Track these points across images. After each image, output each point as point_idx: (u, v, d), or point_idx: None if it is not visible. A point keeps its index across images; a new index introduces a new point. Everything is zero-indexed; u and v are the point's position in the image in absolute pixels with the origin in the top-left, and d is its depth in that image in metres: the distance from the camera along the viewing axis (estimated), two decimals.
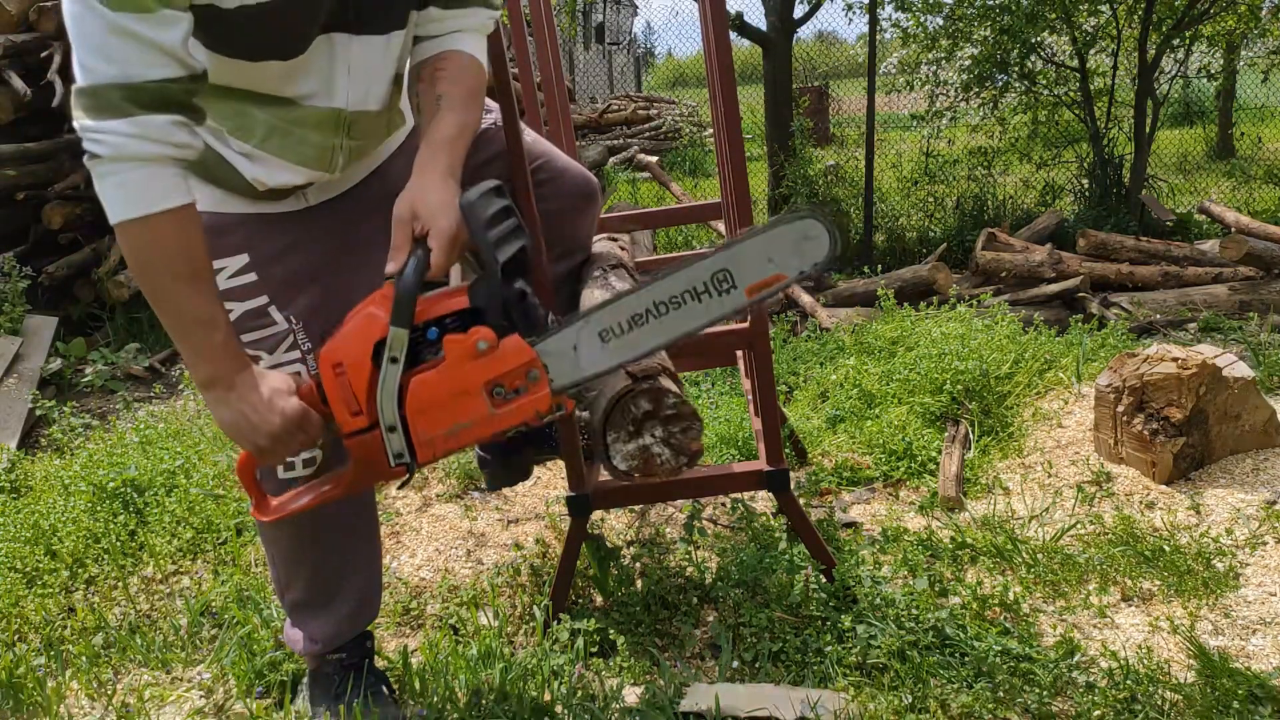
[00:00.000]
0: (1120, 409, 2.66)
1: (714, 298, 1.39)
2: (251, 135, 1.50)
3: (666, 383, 1.35)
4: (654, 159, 9.95)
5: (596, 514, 2.59)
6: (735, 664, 1.96)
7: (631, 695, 1.84)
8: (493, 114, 1.88)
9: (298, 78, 1.47)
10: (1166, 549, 2.23)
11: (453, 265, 1.41)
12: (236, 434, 1.40)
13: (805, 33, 12.70)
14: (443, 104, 1.51)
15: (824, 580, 2.11)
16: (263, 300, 1.62)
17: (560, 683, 1.84)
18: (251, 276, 1.61)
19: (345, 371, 1.37)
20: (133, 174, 1.27)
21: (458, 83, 1.54)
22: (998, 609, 2.06)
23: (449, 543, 2.65)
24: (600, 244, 2.33)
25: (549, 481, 3.01)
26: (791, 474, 2.48)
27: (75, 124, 1.27)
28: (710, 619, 2.14)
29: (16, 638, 2.28)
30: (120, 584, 2.48)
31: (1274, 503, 2.43)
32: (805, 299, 5.26)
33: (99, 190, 1.28)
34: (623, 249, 2.38)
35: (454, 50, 1.57)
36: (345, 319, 1.41)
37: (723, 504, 2.75)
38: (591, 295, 1.85)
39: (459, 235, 1.39)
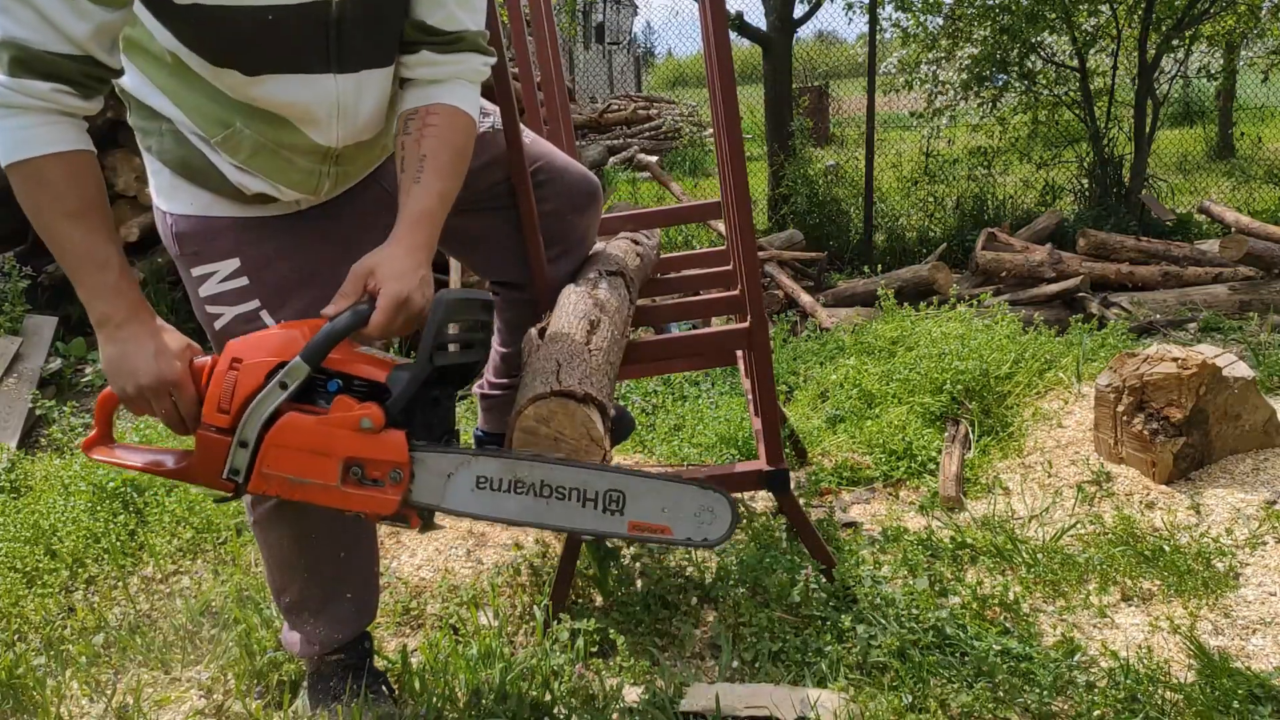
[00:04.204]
0: (1120, 409, 2.66)
1: (596, 511, 1.36)
2: (238, 151, 1.50)
3: (595, 415, 1.38)
4: (654, 159, 9.95)
5: None
6: (735, 664, 1.96)
7: (631, 695, 1.84)
8: (491, 117, 1.88)
9: (274, 100, 1.45)
10: (1166, 549, 2.23)
11: (391, 332, 1.40)
12: (111, 371, 1.41)
13: (805, 33, 12.71)
14: (425, 169, 1.49)
15: (824, 580, 2.11)
16: (254, 305, 1.61)
17: (560, 683, 1.84)
18: (243, 281, 1.60)
19: (239, 370, 1.37)
20: (16, 120, 1.29)
21: (444, 143, 1.52)
22: (998, 609, 2.06)
23: (449, 543, 2.65)
24: (615, 243, 2.32)
25: None
26: (791, 474, 2.48)
27: None
28: (710, 619, 2.14)
29: (16, 638, 2.28)
30: (120, 584, 2.48)
31: (1274, 503, 2.43)
32: (805, 299, 5.27)
33: None
34: (639, 254, 2.35)
35: (444, 104, 1.54)
36: (278, 325, 1.42)
37: None
38: (572, 300, 1.84)
39: (407, 306, 1.38)
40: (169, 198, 1.60)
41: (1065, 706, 1.75)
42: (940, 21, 7.23)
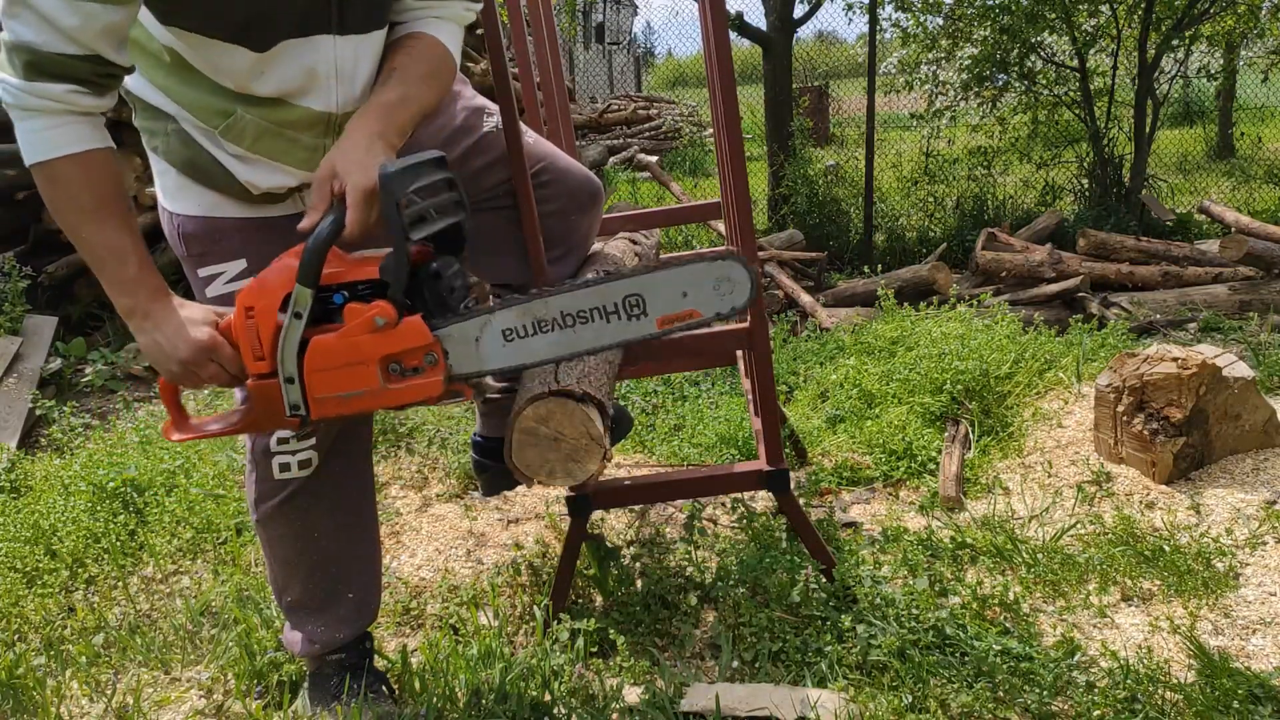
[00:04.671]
0: (1120, 409, 2.66)
1: (623, 320, 1.39)
2: (243, 138, 1.50)
3: (594, 414, 1.38)
4: (654, 159, 9.95)
5: (596, 514, 2.59)
6: (735, 664, 1.96)
7: (631, 695, 1.84)
8: (494, 118, 1.88)
9: (278, 76, 1.46)
10: (1166, 549, 2.23)
11: (370, 226, 1.40)
12: (152, 358, 1.47)
13: (805, 33, 12.72)
14: (393, 76, 1.52)
15: (824, 580, 2.11)
16: None
17: (560, 683, 1.84)
18: (249, 282, 1.61)
19: (255, 316, 1.41)
20: (34, 122, 1.33)
21: (415, 60, 1.55)
22: (998, 609, 2.06)
23: (449, 543, 2.65)
24: (613, 244, 2.33)
25: None
26: (791, 474, 2.48)
27: None
28: (710, 619, 2.14)
29: (16, 638, 2.28)
30: (120, 584, 2.48)
31: (1274, 503, 2.43)
32: (805, 299, 5.26)
33: (16, 136, 1.35)
34: (637, 254, 2.36)
35: (422, 32, 1.58)
36: (270, 265, 1.44)
37: (723, 504, 2.75)
38: None
39: (376, 196, 1.38)
40: (175, 198, 1.60)
41: (1065, 706, 1.75)
42: (940, 21, 7.23)
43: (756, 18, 7.70)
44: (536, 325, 1.40)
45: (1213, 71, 7.79)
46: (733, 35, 6.31)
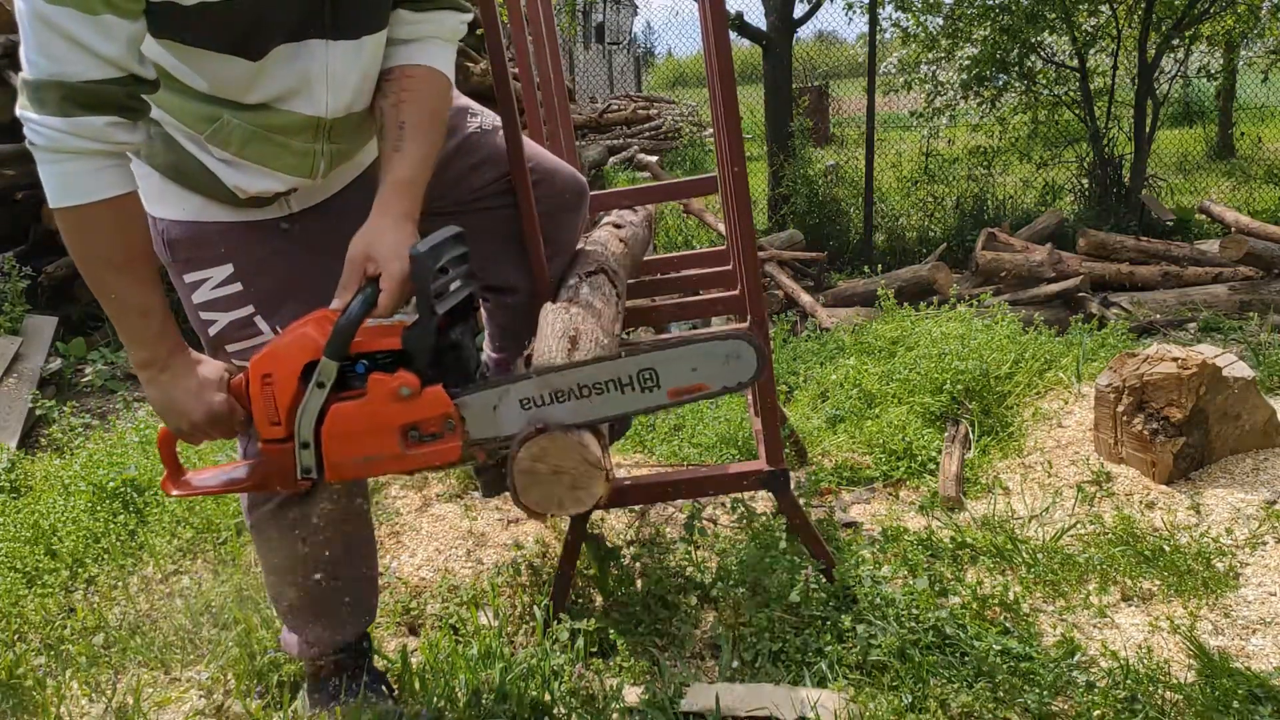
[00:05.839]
0: (1120, 409, 2.66)
1: (636, 392, 1.45)
2: (229, 143, 1.48)
3: (588, 439, 1.41)
4: (654, 159, 9.95)
5: (596, 514, 2.59)
6: (735, 664, 1.96)
7: (631, 695, 1.84)
8: (479, 118, 1.87)
9: (270, 83, 1.45)
10: (1166, 549, 2.23)
11: (400, 307, 1.45)
12: (163, 414, 1.47)
13: (805, 33, 12.72)
14: (405, 135, 1.52)
15: (824, 580, 2.11)
16: (248, 310, 1.60)
17: (560, 683, 1.84)
18: (236, 287, 1.60)
19: (272, 384, 1.43)
20: (69, 165, 1.30)
21: (422, 106, 1.54)
22: (998, 609, 2.06)
23: (449, 542, 2.65)
24: (595, 235, 2.32)
25: None
26: (791, 474, 2.48)
27: (17, 111, 1.29)
28: (710, 619, 2.14)
29: (16, 638, 2.28)
30: (120, 584, 2.48)
31: (1274, 503, 2.43)
32: (805, 299, 5.27)
33: (41, 175, 1.32)
34: (622, 239, 2.35)
35: (420, 65, 1.56)
36: (284, 331, 1.46)
37: (723, 504, 2.75)
38: (550, 319, 1.83)
39: (409, 280, 1.42)
40: (158, 203, 1.58)
41: (1065, 706, 1.75)
42: (940, 21, 7.24)
43: (756, 18, 7.71)
44: (554, 395, 1.44)
45: (1213, 71, 7.80)
46: (733, 35, 6.31)
